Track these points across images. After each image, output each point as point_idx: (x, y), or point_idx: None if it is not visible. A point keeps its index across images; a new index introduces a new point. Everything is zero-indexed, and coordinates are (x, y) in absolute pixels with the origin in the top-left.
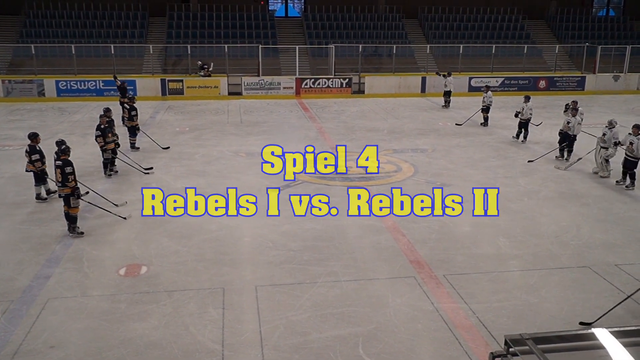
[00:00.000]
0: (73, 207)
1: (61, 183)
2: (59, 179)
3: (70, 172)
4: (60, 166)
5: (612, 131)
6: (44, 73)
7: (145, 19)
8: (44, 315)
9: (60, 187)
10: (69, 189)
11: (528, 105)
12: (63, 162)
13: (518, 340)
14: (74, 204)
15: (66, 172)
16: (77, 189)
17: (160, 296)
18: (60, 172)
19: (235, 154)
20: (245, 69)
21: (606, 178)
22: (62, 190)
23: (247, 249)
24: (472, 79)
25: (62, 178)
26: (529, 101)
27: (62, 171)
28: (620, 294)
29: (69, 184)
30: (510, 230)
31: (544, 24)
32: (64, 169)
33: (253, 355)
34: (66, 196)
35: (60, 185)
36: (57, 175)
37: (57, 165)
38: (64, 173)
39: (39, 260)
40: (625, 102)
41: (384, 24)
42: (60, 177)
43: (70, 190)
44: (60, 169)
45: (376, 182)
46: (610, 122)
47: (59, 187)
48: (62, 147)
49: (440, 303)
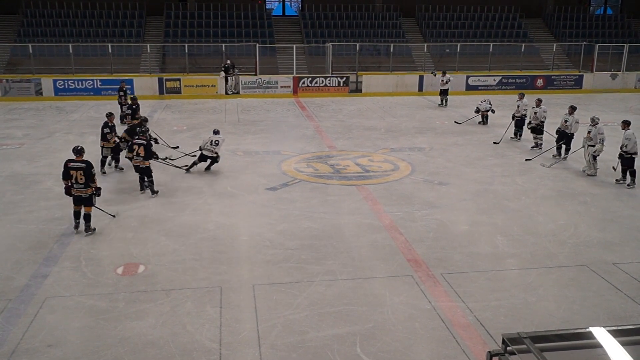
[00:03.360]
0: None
1: (84, 184)
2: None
3: (95, 172)
4: (83, 168)
5: (597, 127)
6: (42, 72)
7: (142, 18)
8: (42, 314)
9: (84, 189)
10: (91, 189)
11: (523, 102)
12: (86, 163)
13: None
14: (94, 201)
15: (92, 172)
16: (99, 188)
17: (158, 295)
18: (84, 173)
19: (232, 152)
20: (243, 67)
21: (593, 176)
22: (86, 191)
23: (245, 247)
24: (470, 78)
25: (87, 178)
26: (523, 98)
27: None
28: (618, 292)
29: (93, 184)
30: (508, 229)
31: (541, 22)
32: (90, 171)
33: (250, 354)
34: (90, 196)
35: (84, 187)
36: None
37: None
38: (91, 174)
39: (37, 259)
40: (622, 100)
41: (381, 22)
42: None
43: (94, 189)
44: (83, 170)
45: (374, 181)
46: (593, 119)
47: (82, 188)
48: (77, 147)
49: (438, 302)
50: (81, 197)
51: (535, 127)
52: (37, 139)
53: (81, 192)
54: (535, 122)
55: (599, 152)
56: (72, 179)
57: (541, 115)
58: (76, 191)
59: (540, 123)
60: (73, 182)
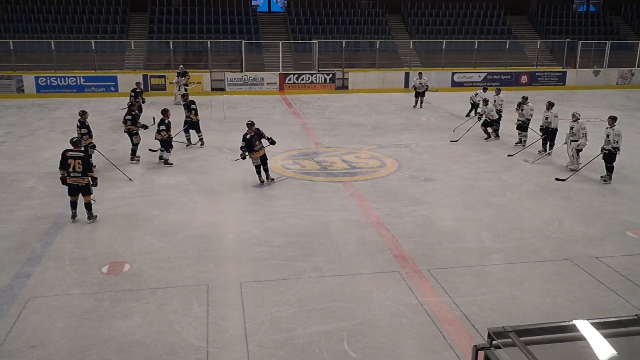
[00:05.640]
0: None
1: (82, 173)
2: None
3: (92, 162)
4: (81, 157)
5: (579, 123)
6: (23, 69)
7: (126, 14)
8: (25, 314)
9: (81, 177)
10: (88, 178)
11: (499, 97)
12: (84, 153)
13: (501, 332)
14: (91, 190)
15: (90, 162)
16: (95, 178)
17: (144, 294)
18: (82, 163)
19: (218, 150)
20: (228, 64)
21: (575, 171)
22: (83, 180)
23: (231, 245)
24: (455, 74)
25: (85, 168)
26: (499, 94)
27: (83, 162)
28: (601, 285)
29: (90, 173)
30: (493, 224)
31: (525, 19)
32: (87, 160)
33: (238, 351)
34: (86, 185)
35: (81, 175)
36: (77, 166)
37: (77, 157)
38: (89, 164)
39: (19, 259)
40: (604, 96)
41: (367, 19)
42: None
43: (90, 179)
44: (81, 159)
45: (360, 178)
46: (574, 115)
47: (79, 177)
48: (74, 139)
49: (424, 297)
50: (78, 185)
51: (521, 124)
52: (18, 137)
53: (77, 180)
54: (521, 120)
55: (583, 146)
56: (70, 168)
57: (527, 113)
58: (72, 180)
59: (527, 120)
60: (70, 170)
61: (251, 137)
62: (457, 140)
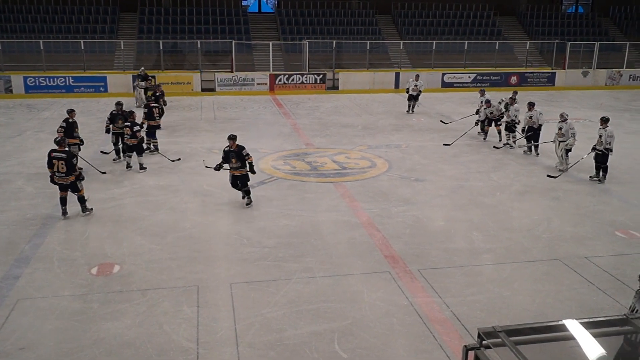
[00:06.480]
0: (81, 189)
1: (66, 173)
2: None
3: (76, 162)
4: (64, 158)
5: (567, 123)
6: (11, 69)
7: (115, 14)
8: (14, 316)
9: (65, 177)
10: (72, 177)
11: (514, 107)
12: (67, 153)
13: (491, 332)
14: (80, 187)
15: (73, 162)
16: (80, 173)
17: (134, 295)
18: (66, 163)
19: (209, 150)
20: (219, 65)
21: (564, 172)
22: (68, 180)
23: (222, 246)
24: (445, 75)
25: (69, 168)
26: (484, 95)
27: (66, 162)
28: (590, 285)
29: (74, 172)
30: (483, 225)
31: (515, 20)
32: (70, 161)
33: (228, 353)
34: (73, 182)
35: (65, 175)
36: (61, 166)
37: (60, 158)
38: (72, 164)
39: (8, 260)
40: (593, 97)
41: (357, 19)
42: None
43: (75, 177)
44: (64, 160)
45: (351, 178)
46: (562, 115)
47: (63, 177)
48: (57, 139)
49: (415, 297)
50: (63, 184)
51: (509, 125)
52: (7, 138)
53: (62, 180)
54: (507, 120)
55: (572, 146)
56: (55, 168)
57: (512, 114)
58: (58, 179)
59: (512, 121)
60: (55, 170)
61: (228, 151)
62: (450, 144)
